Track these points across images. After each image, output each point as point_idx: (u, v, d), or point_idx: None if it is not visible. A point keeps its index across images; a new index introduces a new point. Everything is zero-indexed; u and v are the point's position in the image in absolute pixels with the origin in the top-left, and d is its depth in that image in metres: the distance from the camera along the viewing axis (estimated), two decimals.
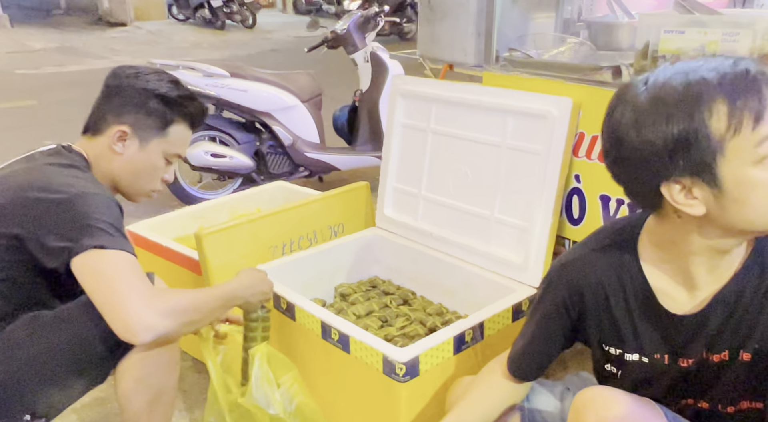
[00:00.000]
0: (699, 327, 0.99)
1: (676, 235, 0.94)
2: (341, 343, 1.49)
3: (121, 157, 1.41)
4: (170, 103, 1.42)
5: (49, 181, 1.25)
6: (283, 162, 3.59)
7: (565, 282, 1.08)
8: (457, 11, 1.88)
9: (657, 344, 1.03)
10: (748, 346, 0.98)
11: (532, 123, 1.64)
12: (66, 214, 1.20)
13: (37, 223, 1.20)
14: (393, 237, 2.02)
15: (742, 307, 0.96)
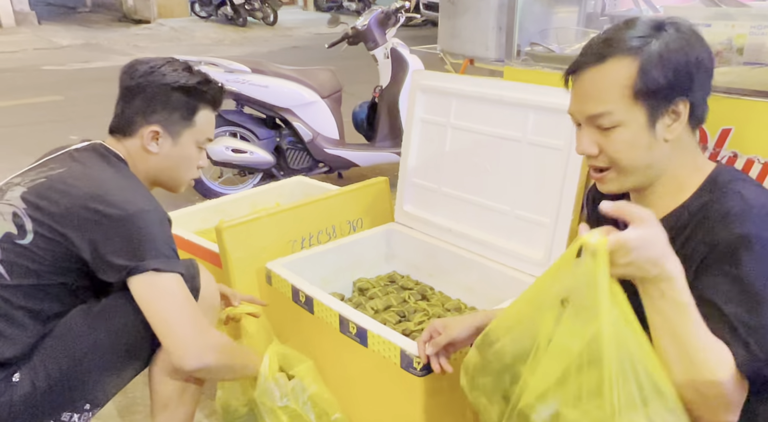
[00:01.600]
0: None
1: None
2: (359, 337, 1.49)
3: (157, 155, 1.45)
4: (191, 92, 1.44)
5: (106, 192, 1.30)
6: (302, 157, 3.61)
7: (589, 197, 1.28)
8: (479, 5, 1.87)
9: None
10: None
11: (553, 118, 1.62)
12: (126, 233, 1.26)
13: (97, 237, 1.26)
14: (412, 233, 2.02)
15: (675, 241, 0.98)
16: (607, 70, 0.98)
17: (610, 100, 0.98)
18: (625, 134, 0.99)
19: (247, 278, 1.85)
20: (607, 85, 0.98)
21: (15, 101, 5.99)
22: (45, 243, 1.27)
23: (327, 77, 3.65)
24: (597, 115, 0.99)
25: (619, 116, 0.98)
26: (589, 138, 1.02)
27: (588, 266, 0.86)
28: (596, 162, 1.04)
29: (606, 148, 1.01)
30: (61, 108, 5.88)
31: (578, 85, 1.02)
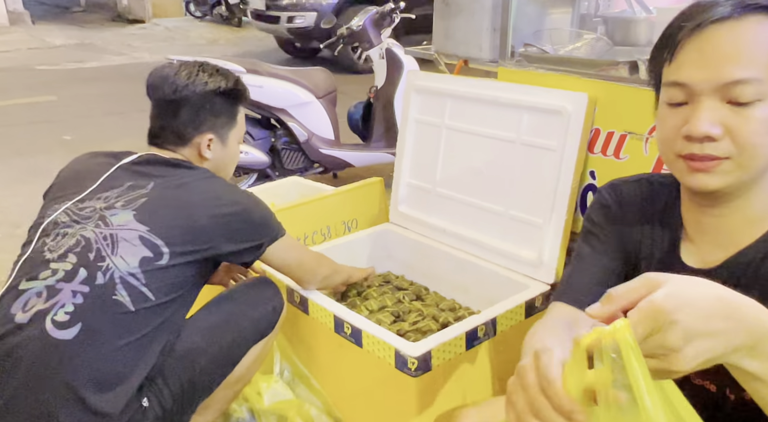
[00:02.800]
0: None
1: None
2: (354, 337, 1.50)
3: (211, 160, 1.52)
4: (231, 95, 1.52)
5: (218, 196, 1.40)
6: (297, 158, 3.60)
7: (614, 195, 1.02)
8: (473, 7, 1.88)
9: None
10: None
11: (547, 118, 1.63)
12: (250, 220, 1.43)
13: (233, 234, 1.39)
14: (406, 233, 2.02)
15: (751, 278, 0.84)
16: (752, 25, 0.76)
17: (758, 64, 0.76)
18: (765, 111, 0.77)
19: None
20: (753, 43, 0.76)
21: (8, 101, 5.96)
22: (182, 259, 1.32)
23: (322, 77, 3.65)
24: (737, 82, 0.76)
25: (765, 86, 0.76)
26: (714, 114, 0.78)
27: (614, 367, 0.55)
28: (711, 149, 0.78)
29: (737, 129, 0.77)
30: (54, 108, 5.86)
31: (707, 44, 0.77)
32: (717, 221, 0.87)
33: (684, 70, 0.79)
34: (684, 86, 0.79)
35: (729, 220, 0.86)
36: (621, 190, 1.02)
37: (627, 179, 1.04)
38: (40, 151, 4.54)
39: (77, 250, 1.27)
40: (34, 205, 2.75)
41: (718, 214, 0.86)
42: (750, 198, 0.84)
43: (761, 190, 0.83)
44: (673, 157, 0.83)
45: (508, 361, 1.60)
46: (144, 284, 1.26)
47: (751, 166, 0.79)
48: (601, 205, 1.03)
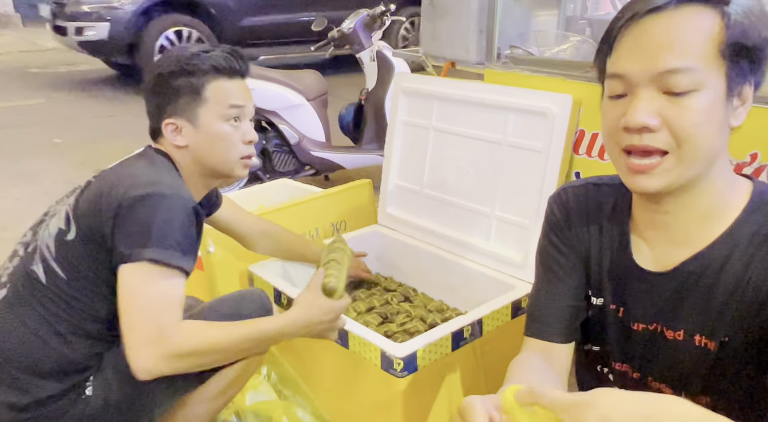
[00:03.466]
0: (658, 291, 0.89)
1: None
2: (340, 339, 1.50)
3: (188, 147, 1.35)
4: (188, 72, 1.33)
5: (134, 180, 1.23)
6: (288, 160, 3.60)
7: (560, 203, 1.01)
8: (459, 9, 1.89)
9: (617, 296, 0.94)
10: (711, 332, 0.85)
11: (532, 120, 1.64)
12: (137, 216, 1.17)
13: (116, 222, 1.19)
14: (395, 235, 2.03)
15: (710, 283, 0.84)
16: (687, 16, 0.76)
17: (693, 54, 0.75)
18: (702, 102, 0.76)
19: (230, 280, 1.85)
20: (688, 33, 0.75)
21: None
22: (83, 236, 1.22)
23: (313, 80, 3.65)
24: (672, 72, 0.75)
25: (701, 75, 0.75)
26: (651, 104, 0.77)
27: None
28: (649, 139, 0.78)
29: (674, 120, 0.76)
30: (45, 110, 5.84)
31: (643, 34, 0.77)
32: (667, 218, 0.86)
33: (621, 61, 0.79)
34: (622, 77, 0.79)
35: (679, 217, 0.85)
36: (566, 196, 1.01)
37: (574, 184, 1.02)
38: (29, 154, 4.52)
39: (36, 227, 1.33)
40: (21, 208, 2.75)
41: (666, 212, 0.85)
42: (697, 193, 0.82)
43: (709, 184, 0.82)
44: (618, 152, 0.82)
45: (494, 361, 1.60)
46: (54, 258, 1.24)
47: (692, 158, 0.78)
48: (548, 220, 1.03)
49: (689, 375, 0.89)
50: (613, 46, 0.81)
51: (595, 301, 0.99)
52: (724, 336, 0.84)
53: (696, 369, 0.88)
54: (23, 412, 1.20)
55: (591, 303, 1.00)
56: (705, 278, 0.85)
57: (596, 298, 0.99)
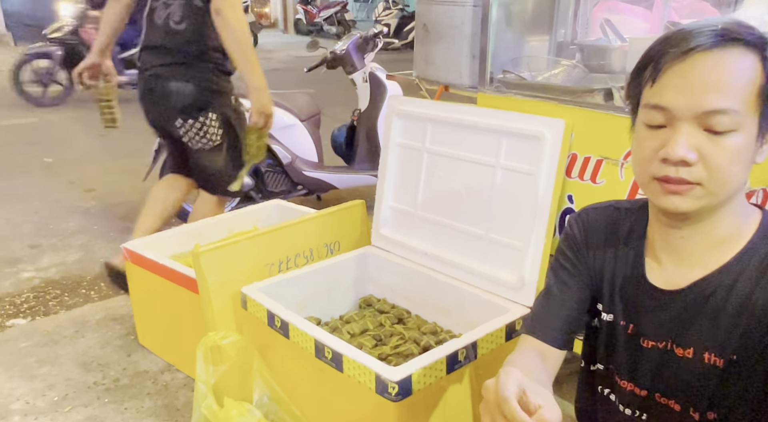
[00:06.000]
0: (669, 308, 0.92)
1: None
2: (334, 362, 1.49)
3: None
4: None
5: None
6: (281, 180, 3.61)
7: (580, 223, 1.06)
8: (452, 33, 1.92)
9: (628, 313, 0.98)
10: (720, 350, 0.88)
11: (525, 144, 1.66)
12: None
13: None
14: (388, 256, 2.03)
15: (720, 303, 0.87)
16: (733, 58, 0.79)
17: (737, 96, 0.78)
18: (738, 141, 0.80)
19: (224, 303, 1.84)
20: (734, 75, 0.78)
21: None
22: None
23: (306, 100, 3.68)
24: (716, 112, 0.78)
25: (741, 118, 0.79)
26: (690, 140, 0.80)
27: None
28: (685, 173, 0.81)
29: (711, 157, 0.79)
30: (36, 130, 5.82)
31: (690, 71, 0.79)
32: (684, 242, 0.90)
33: (666, 94, 0.81)
34: (665, 110, 0.82)
35: (695, 242, 0.89)
36: (587, 217, 1.06)
37: (596, 206, 1.08)
38: (20, 173, 4.50)
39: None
40: (11, 228, 2.73)
41: (685, 236, 0.89)
42: (716, 221, 0.87)
43: (727, 214, 0.87)
44: (648, 179, 0.85)
45: None
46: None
47: (720, 192, 0.82)
48: (567, 236, 1.08)
49: (698, 391, 0.92)
50: (657, 78, 0.83)
51: (606, 317, 1.02)
52: (732, 354, 0.87)
53: (704, 386, 0.91)
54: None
55: (602, 319, 1.03)
56: (714, 298, 0.88)
57: (607, 314, 1.02)
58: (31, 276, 2.93)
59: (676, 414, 0.96)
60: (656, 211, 0.92)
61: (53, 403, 1.99)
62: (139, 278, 2.19)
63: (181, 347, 2.11)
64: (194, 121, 2.19)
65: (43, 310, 2.61)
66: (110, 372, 2.15)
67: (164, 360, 2.21)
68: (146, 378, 2.12)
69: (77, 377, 2.12)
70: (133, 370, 2.16)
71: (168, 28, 2.19)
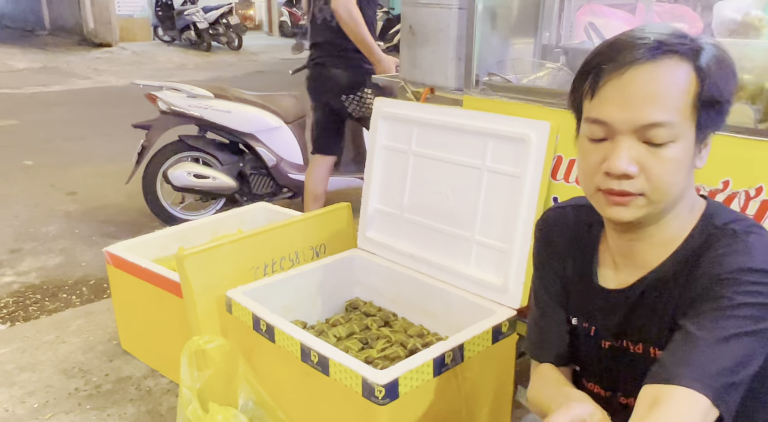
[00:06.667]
0: (619, 308, 0.95)
1: None
2: (321, 366, 1.48)
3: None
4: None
5: None
6: (266, 183, 3.59)
7: (544, 228, 1.09)
8: (438, 36, 1.92)
9: (588, 315, 1.01)
10: (661, 345, 0.89)
11: (511, 146, 1.66)
12: None
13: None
14: (374, 259, 2.02)
15: (655, 298, 0.91)
16: (668, 70, 0.80)
17: (673, 108, 0.80)
18: (677, 152, 0.81)
19: (209, 307, 1.82)
20: (670, 87, 0.80)
21: None
22: None
23: (291, 103, 3.67)
24: (654, 125, 0.80)
25: (678, 129, 0.80)
26: (631, 153, 0.82)
27: None
28: (627, 185, 0.83)
29: (651, 169, 0.82)
30: (16, 132, 5.73)
31: (628, 85, 0.80)
32: (632, 245, 0.93)
33: (605, 109, 0.83)
34: (605, 124, 0.83)
35: (644, 244, 0.92)
36: (548, 217, 1.10)
37: (559, 205, 1.11)
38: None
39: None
40: None
41: (633, 239, 0.93)
42: (662, 224, 0.90)
43: (673, 217, 0.90)
44: (593, 190, 0.88)
45: (474, 387, 1.60)
46: None
47: (662, 200, 0.85)
48: (536, 241, 1.11)
49: None
50: (596, 92, 0.84)
51: (573, 321, 1.05)
52: None
53: None
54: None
55: (570, 322, 1.05)
56: (650, 294, 0.92)
57: (573, 317, 1.05)
58: (10, 281, 2.88)
59: (602, 398, 1.00)
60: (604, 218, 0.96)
61: (33, 410, 1.95)
62: (122, 282, 2.16)
63: (164, 352, 2.08)
64: (354, 96, 2.82)
65: (23, 315, 2.57)
66: (92, 378, 2.12)
67: (147, 366, 2.18)
68: (129, 383, 2.09)
69: (58, 383, 2.09)
70: (116, 376, 2.13)
71: (324, 27, 2.81)
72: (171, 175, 3.30)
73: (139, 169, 3.36)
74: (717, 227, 0.88)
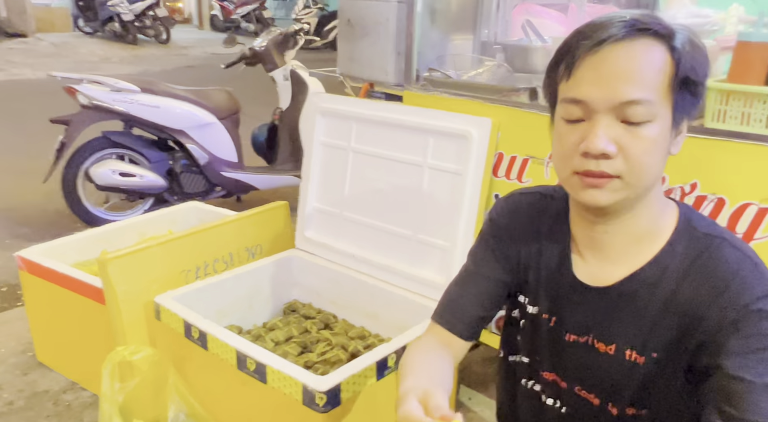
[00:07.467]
0: (594, 305, 0.92)
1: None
2: (258, 373, 1.40)
3: None
4: None
5: None
6: (198, 181, 3.45)
7: (506, 208, 1.03)
8: (377, 30, 1.87)
9: (553, 306, 0.96)
10: (641, 348, 0.88)
11: (452, 143, 1.64)
12: None
13: None
14: (313, 259, 1.96)
15: (643, 302, 0.87)
16: (644, 48, 0.79)
17: (651, 86, 0.78)
18: (654, 132, 0.79)
19: (135, 314, 1.70)
20: (646, 65, 0.78)
21: None
22: None
23: (224, 98, 3.53)
24: (632, 102, 0.78)
25: (655, 108, 0.79)
26: (609, 132, 0.79)
27: None
28: (606, 166, 0.80)
29: (629, 149, 0.79)
30: None
31: (604, 63, 0.79)
32: (607, 237, 0.89)
33: (582, 88, 0.80)
34: (582, 103, 0.81)
35: (617, 236, 0.89)
36: (513, 202, 1.04)
37: (524, 191, 1.06)
38: None
39: None
40: None
41: (608, 231, 0.89)
42: (636, 215, 0.87)
43: (645, 207, 0.87)
44: (569, 173, 0.84)
45: None
46: None
47: (638, 184, 0.82)
48: (491, 221, 1.05)
49: (618, 387, 0.92)
50: (572, 72, 0.81)
51: (531, 310, 1.00)
52: (653, 352, 0.88)
53: (625, 382, 0.91)
54: None
55: (526, 311, 1.01)
56: (639, 297, 0.88)
57: (532, 307, 1.00)
58: None
59: (594, 408, 0.96)
60: (578, 206, 0.91)
61: None
62: (37, 289, 1.99)
63: (86, 363, 1.93)
64: None
65: None
66: (3, 395, 1.95)
67: (67, 379, 2.03)
68: (46, 398, 1.93)
69: None
70: (31, 391, 1.97)
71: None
72: (94, 173, 3.11)
73: (58, 166, 3.15)
74: (703, 233, 0.86)
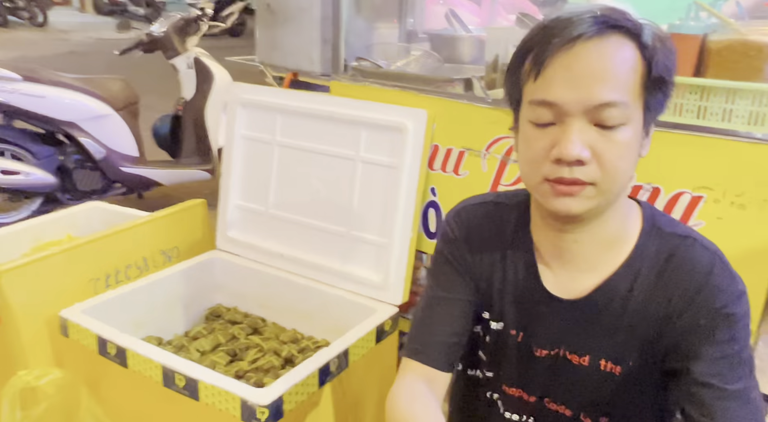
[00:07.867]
0: (566, 317, 0.88)
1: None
2: (188, 390, 1.28)
3: None
4: None
5: None
6: (94, 178, 3.19)
7: (459, 222, 0.97)
8: (301, 16, 1.77)
9: (520, 321, 0.92)
10: (617, 359, 0.86)
11: (386, 135, 1.58)
12: None
13: None
14: (237, 260, 1.83)
15: (618, 311, 0.85)
16: (615, 46, 0.74)
17: (625, 87, 0.74)
18: (628, 136, 0.75)
19: (36, 331, 1.51)
20: (619, 64, 0.74)
21: None
22: None
23: (120, 87, 3.27)
24: (607, 105, 0.73)
25: (629, 110, 0.74)
26: (583, 137, 0.74)
27: None
28: (580, 173, 0.75)
29: (603, 154, 0.75)
30: None
31: (575, 62, 0.74)
32: (577, 246, 0.85)
33: (553, 89, 0.75)
34: (553, 105, 0.75)
35: (585, 246, 0.85)
36: (467, 215, 0.98)
37: (474, 201, 0.99)
38: None
39: None
40: None
41: (576, 240, 0.85)
42: (605, 220, 0.83)
43: (613, 212, 0.83)
44: (539, 180, 0.79)
45: (360, 391, 1.51)
46: None
47: (611, 190, 0.78)
48: (446, 238, 0.98)
49: (592, 398, 0.90)
50: (541, 71, 0.76)
51: (495, 326, 0.96)
52: (629, 361, 0.86)
53: (599, 392, 0.89)
54: None
55: (490, 327, 0.96)
56: (612, 306, 0.86)
57: (496, 323, 0.96)
58: None
59: (567, 419, 0.94)
60: (544, 214, 0.86)
61: None
62: None
63: None
64: None
65: None
66: None
67: None
68: None
69: None
70: None
71: None
72: None
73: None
74: (669, 233, 0.84)
